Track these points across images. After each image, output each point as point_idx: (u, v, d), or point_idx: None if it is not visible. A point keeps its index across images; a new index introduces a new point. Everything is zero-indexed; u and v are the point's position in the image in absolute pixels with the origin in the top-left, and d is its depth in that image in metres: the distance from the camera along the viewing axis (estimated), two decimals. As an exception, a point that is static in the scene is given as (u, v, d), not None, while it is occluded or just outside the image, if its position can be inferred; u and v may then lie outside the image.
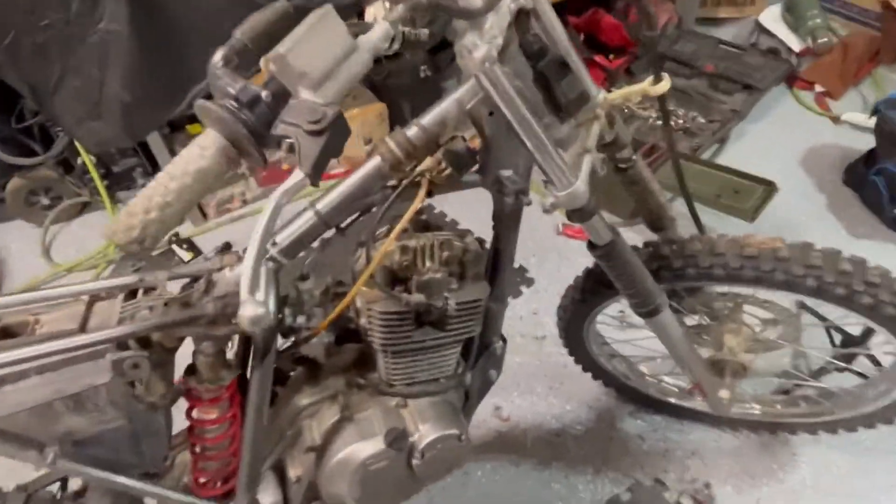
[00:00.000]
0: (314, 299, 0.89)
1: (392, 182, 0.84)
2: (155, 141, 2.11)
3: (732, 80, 2.49)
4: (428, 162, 0.82)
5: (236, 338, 0.93)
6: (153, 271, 0.88)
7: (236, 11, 0.65)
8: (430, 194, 0.88)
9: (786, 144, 2.32)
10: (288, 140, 0.55)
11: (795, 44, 2.63)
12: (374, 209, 0.86)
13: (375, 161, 0.82)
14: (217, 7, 1.72)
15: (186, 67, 1.84)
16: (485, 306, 0.97)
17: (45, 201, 2.27)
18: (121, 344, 0.78)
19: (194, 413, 0.94)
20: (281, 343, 0.93)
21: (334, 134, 0.55)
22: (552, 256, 2.02)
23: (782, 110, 2.51)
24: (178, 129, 2.20)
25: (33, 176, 2.17)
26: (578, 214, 0.87)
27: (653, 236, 1.17)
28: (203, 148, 0.53)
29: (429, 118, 0.81)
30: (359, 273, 0.86)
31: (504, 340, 1.09)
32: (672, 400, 1.51)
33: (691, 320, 1.29)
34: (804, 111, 2.51)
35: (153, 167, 2.24)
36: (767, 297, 1.20)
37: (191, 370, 0.90)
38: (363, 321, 0.91)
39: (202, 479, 1.00)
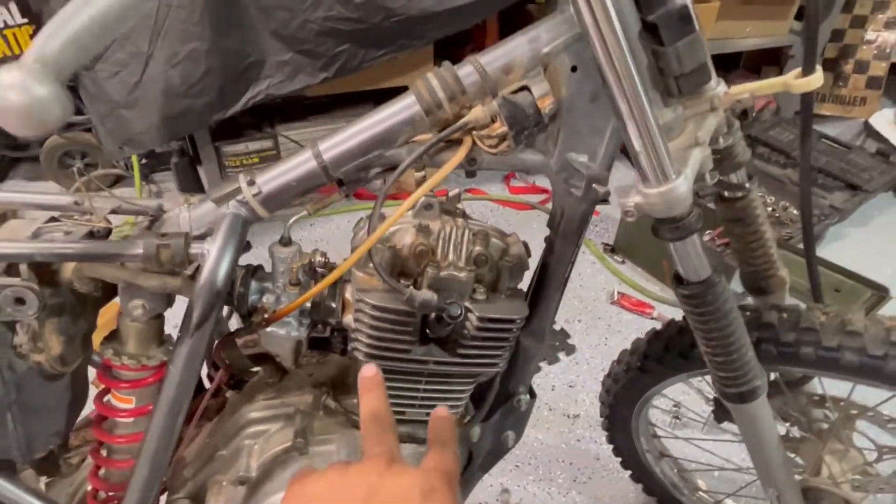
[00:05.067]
0: (291, 275, 0.66)
1: (426, 136, 0.63)
2: (201, 134, 1.98)
3: (834, 176, 2.22)
4: (477, 113, 0.60)
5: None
6: (96, 194, 0.68)
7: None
8: (471, 163, 0.65)
9: (894, 254, 2.00)
10: None
11: (910, 151, 2.34)
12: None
13: (407, 101, 0.61)
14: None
15: (251, 59, 1.70)
16: (516, 339, 0.71)
17: (79, 166, 2.17)
18: (12, 270, 0.56)
19: (107, 398, 0.71)
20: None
21: None
22: (600, 325, 1.74)
23: (891, 218, 2.20)
24: (227, 137, 2.02)
25: (72, 137, 2.08)
26: (671, 228, 0.62)
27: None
28: None
29: (490, 57, 0.61)
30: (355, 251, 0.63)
31: (532, 395, 0.81)
32: (732, 531, 1.17)
33: (778, 428, 0.98)
34: (916, 225, 2.19)
35: (194, 153, 2.11)
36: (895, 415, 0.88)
37: (113, 337, 0.67)
38: (349, 318, 0.67)
39: (101, 493, 0.75)
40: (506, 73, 0.61)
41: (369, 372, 0.51)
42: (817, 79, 0.66)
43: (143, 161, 2.17)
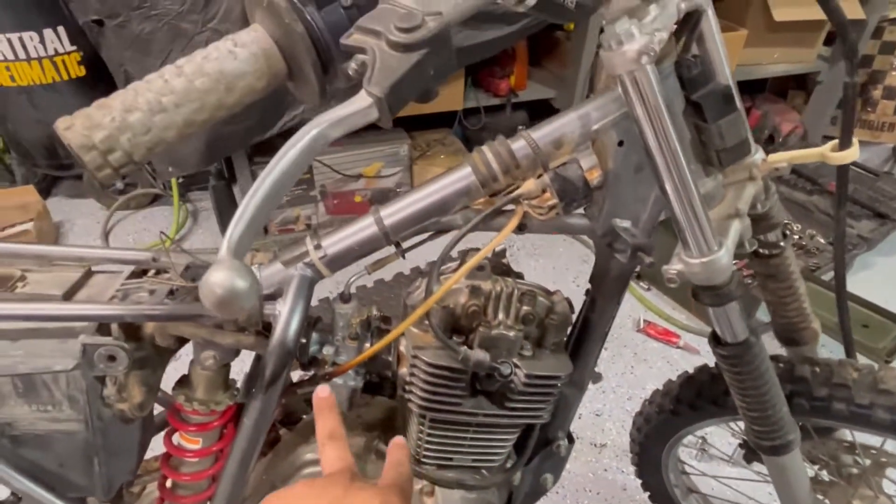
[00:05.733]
0: (350, 329, 0.71)
1: (479, 202, 0.67)
2: (239, 157, 2.05)
3: (862, 204, 2.22)
4: (529, 185, 0.64)
5: (250, 360, 0.75)
6: (174, 251, 0.73)
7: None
8: (521, 228, 0.69)
9: (922, 287, 1.99)
10: (361, 56, 0.39)
11: (940, 180, 2.33)
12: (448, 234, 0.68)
13: (463, 172, 0.65)
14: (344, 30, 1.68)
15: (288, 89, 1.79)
16: (560, 392, 0.75)
17: (120, 186, 2.26)
18: (102, 328, 0.62)
19: (175, 438, 0.76)
20: (298, 375, 0.74)
21: (431, 55, 0.38)
22: (626, 354, 1.76)
23: (919, 248, 2.19)
24: (263, 159, 2.12)
25: (115, 158, 2.16)
26: (711, 295, 0.66)
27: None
28: (239, 45, 0.38)
29: (542, 132, 0.64)
30: (412, 308, 0.67)
31: (571, 440, 0.85)
32: (759, 568, 1.19)
33: (807, 470, 1.00)
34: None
35: (230, 174, 2.18)
36: (926, 466, 0.90)
37: (183, 383, 0.72)
38: (404, 371, 0.71)
39: (165, 524, 0.80)
40: (556, 147, 0.64)
41: (323, 393, 0.54)
42: (853, 153, 0.69)
43: (181, 180, 2.25)
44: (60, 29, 2.01)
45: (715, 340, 0.72)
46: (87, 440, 0.63)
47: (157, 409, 0.82)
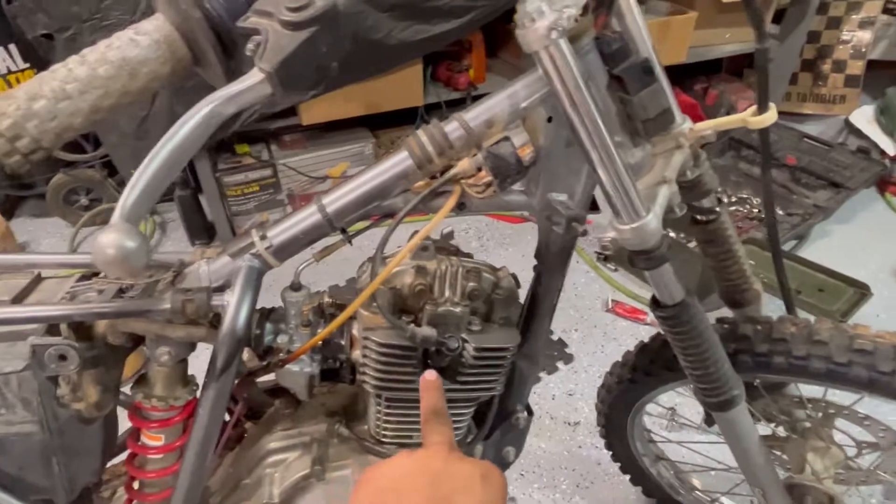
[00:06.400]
0: (302, 316, 0.73)
1: (419, 184, 0.69)
2: (203, 166, 2.05)
3: (817, 175, 2.29)
4: (464, 165, 0.66)
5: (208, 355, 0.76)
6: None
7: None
8: (461, 207, 0.72)
9: (877, 250, 2.06)
10: (257, 37, 0.41)
11: (890, 146, 2.41)
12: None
13: (401, 156, 0.67)
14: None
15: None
16: (511, 362, 0.77)
17: (84, 202, 2.24)
18: (52, 329, 0.63)
19: (138, 437, 0.77)
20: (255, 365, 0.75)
21: (321, 34, 0.40)
22: (596, 334, 1.80)
23: (873, 214, 2.27)
24: (225, 149, 2.14)
25: (77, 174, 2.15)
26: (644, 259, 0.69)
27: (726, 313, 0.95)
28: (140, 33, 0.39)
29: (473, 114, 0.67)
30: (359, 292, 0.69)
31: (530, 412, 0.88)
32: (728, 527, 1.23)
33: (764, 429, 1.04)
34: (898, 219, 2.26)
35: (196, 182, 2.18)
36: (870, 413, 0.94)
37: (142, 382, 0.73)
38: (357, 354, 0.73)
39: (134, 524, 0.81)
40: (488, 126, 0.67)
41: (430, 376, 0.58)
42: (771, 116, 0.73)
43: (146, 193, 2.23)
44: (12, 47, 1.98)
45: (655, 304, 0.75)
46: (43, 441, 0.64)
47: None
